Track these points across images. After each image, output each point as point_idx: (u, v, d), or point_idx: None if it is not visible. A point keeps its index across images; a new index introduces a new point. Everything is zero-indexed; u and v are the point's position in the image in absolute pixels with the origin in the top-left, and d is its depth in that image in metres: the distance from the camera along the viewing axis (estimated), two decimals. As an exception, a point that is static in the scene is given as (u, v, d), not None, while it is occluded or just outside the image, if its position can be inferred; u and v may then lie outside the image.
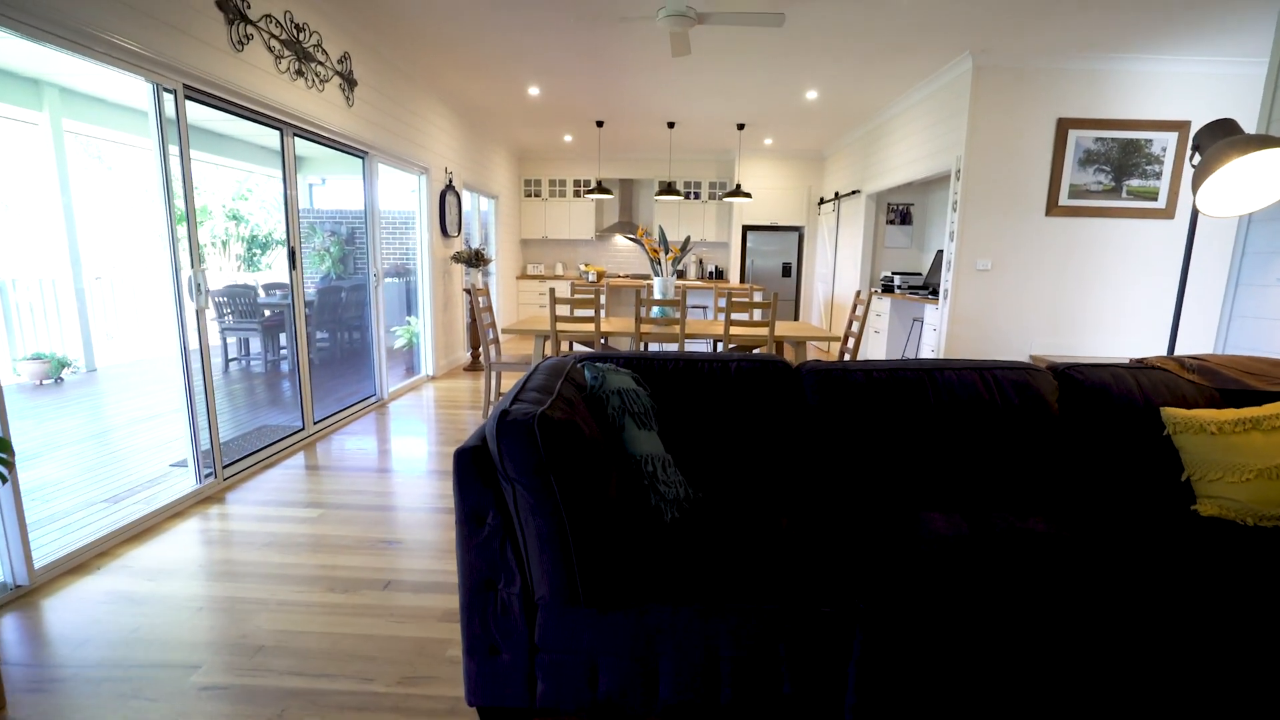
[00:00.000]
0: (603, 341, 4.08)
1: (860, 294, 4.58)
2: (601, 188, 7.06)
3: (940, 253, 5.87)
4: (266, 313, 5.91)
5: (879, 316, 6.54)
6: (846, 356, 4.41)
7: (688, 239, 4.71)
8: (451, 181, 6.14)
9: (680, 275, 9.13)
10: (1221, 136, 2.27)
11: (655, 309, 4.55)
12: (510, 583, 1.41)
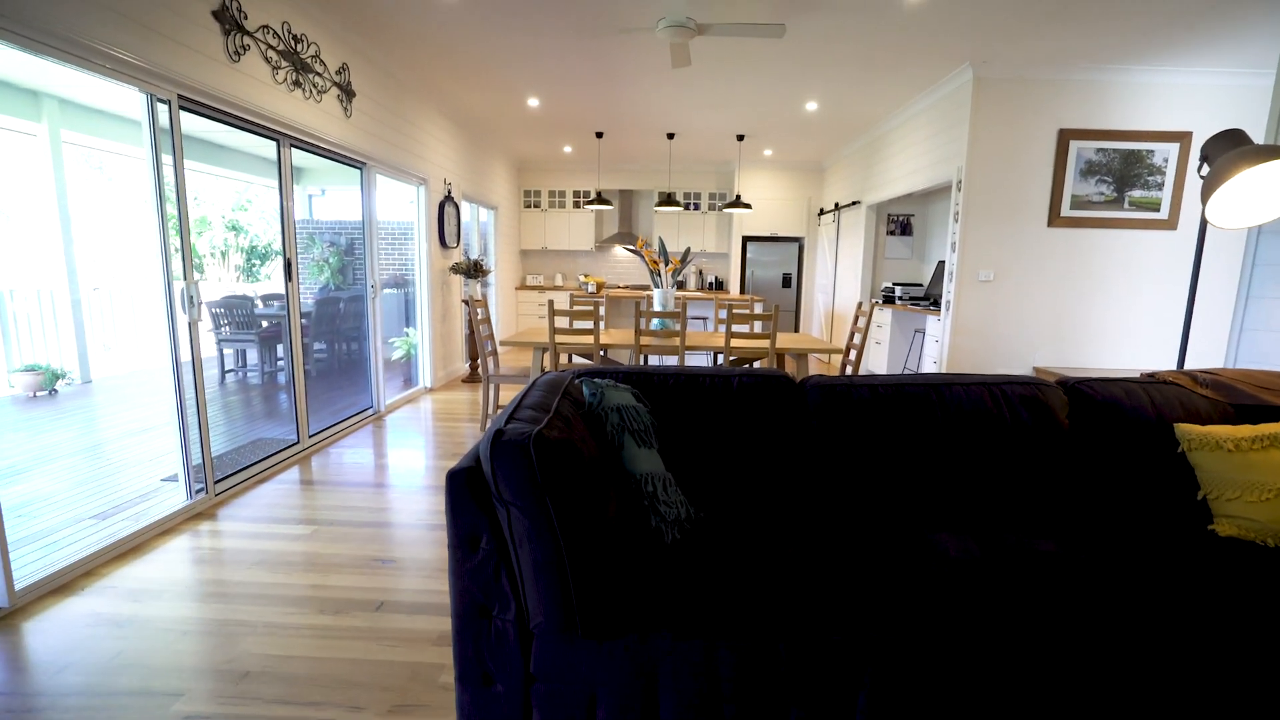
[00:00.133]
0: (602, 354, 4.03)
1: (862, 305, 4.54)
2: (601, 198, 7.05)
3: (941, 263, 5.83)
4: (264, 324, 5.86)
5: (880, 328, 6.50)
6: (849, 369, 4.36)
7: (688, 250, 4.67)
8: (450, 192, 6.12)
9: (680, 286, 9.10)
10: (1230, 147, 2.24)
11: (655, 321, 4.51)
12: (505, 610, 1.35)
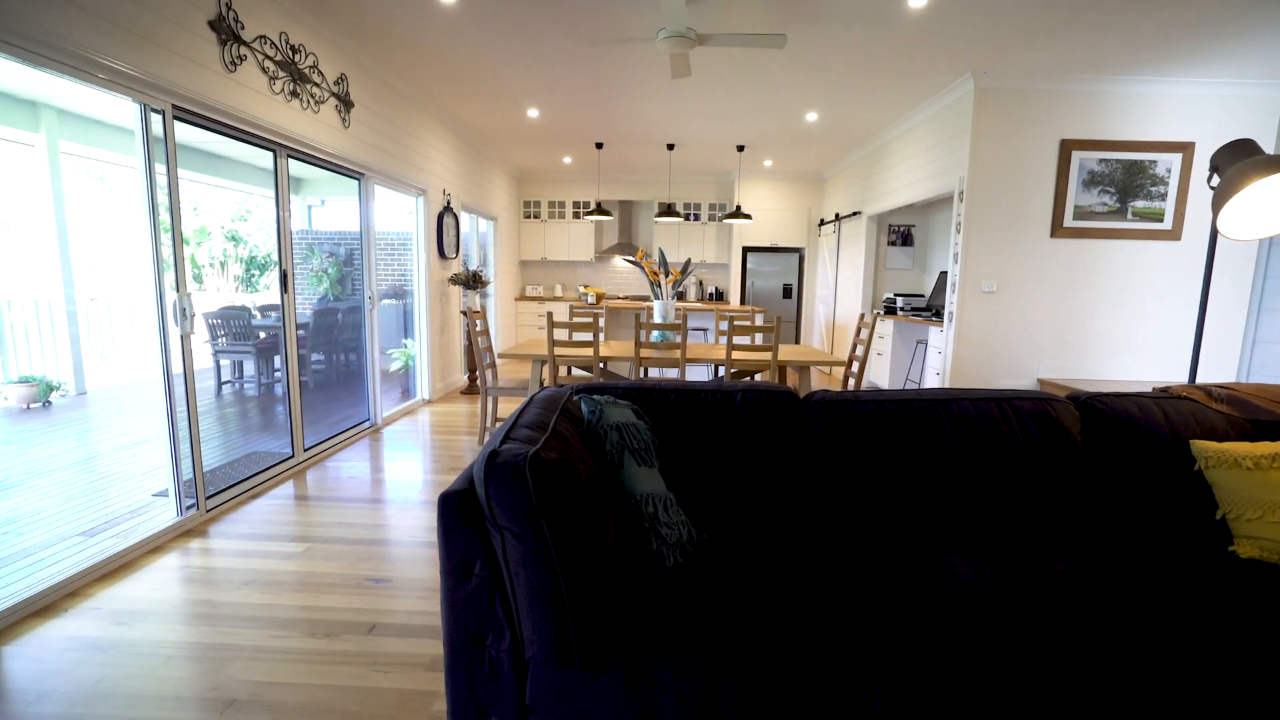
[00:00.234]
0: (602, 366, 3.98)
1: (864, 317, 4.50)
2: (601, 209, 7.02)
3: (943, 274, 5.80)
4: (261, 335, 5.82)
5: (882, 339, 6.45)
6: (851, 381, 4.31)
7: (688, 262, 4.63)
8: (450, 203, 6.09)
9: (680, 297, 9.06)
10: (1241, 157, 2.20)
11: (655, 333, 4.46)
12: (499, 639, 1.29)
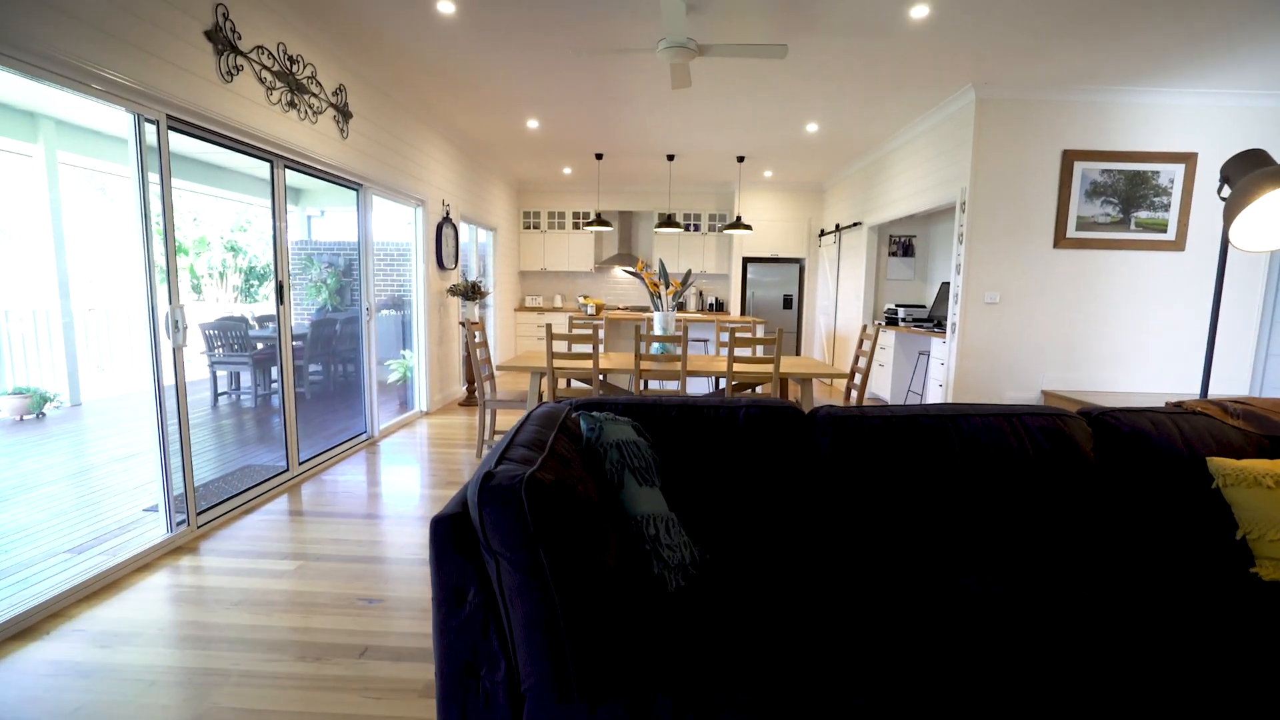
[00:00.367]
0: (601, 378, 3.93)
1: (866, 329, 4.45)
2: (601, 220, 7.00)
3: (945, 285, 5.76)
4: (259, 345, 5.77)
5: (883, 350, 6.41)
6: (854, 393, 4.26)
7: (689, 273, 4.59)
8: (449, 214, 6.07)
9: (680, 308, 9.03)
10: (1252, 168, 2.16)
11: (655, 345, 4.41)
12: (494, 670, 1.23)
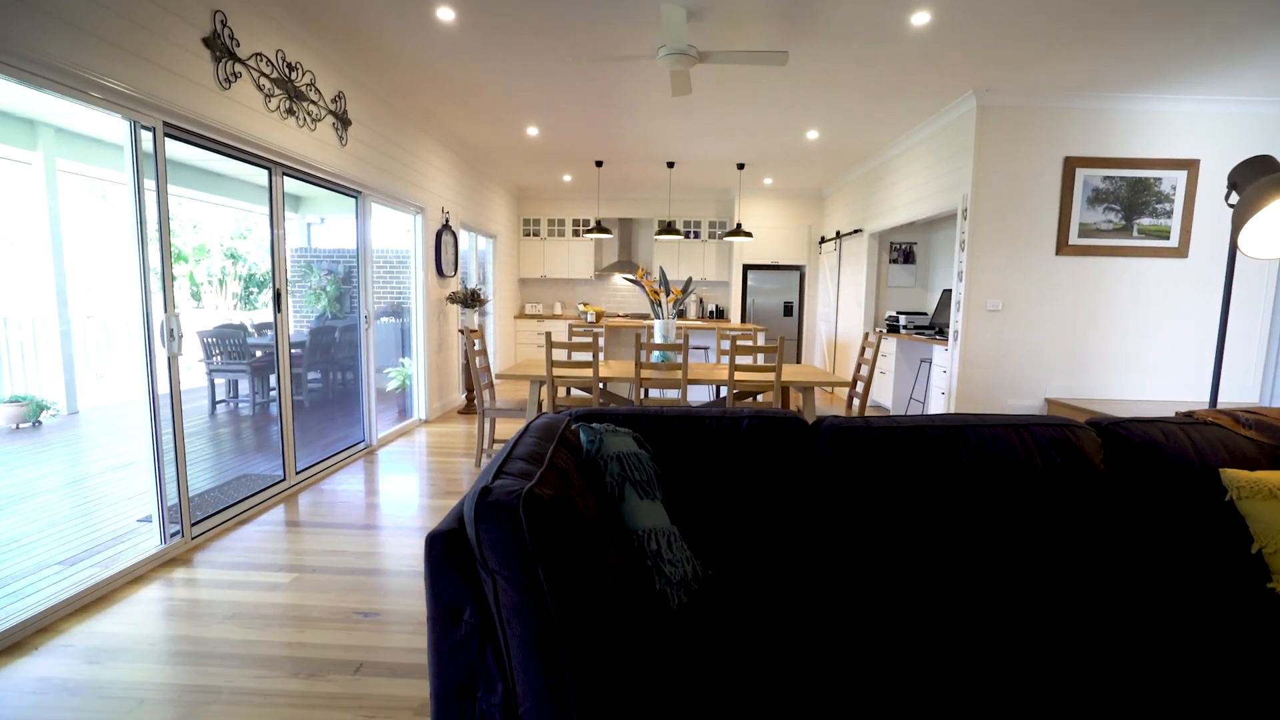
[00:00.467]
0: (601, 386, 3.89)
1: (868, 336, 4.42)
2: (601, 227, 6.98)
3: (946, 292, 5.74)
4: (258, 353, 5.73)
5: (885, 357, 6.37)
6: (856, 401, 4.22)
7: (689, 281, 4.57)
8: (448, 221, 6.05)
9: (680, 315, 9.00)
10: (1260, 174, 2.14)
11: (656, 353, 4.38)
12: (491, 692, 1.19)
